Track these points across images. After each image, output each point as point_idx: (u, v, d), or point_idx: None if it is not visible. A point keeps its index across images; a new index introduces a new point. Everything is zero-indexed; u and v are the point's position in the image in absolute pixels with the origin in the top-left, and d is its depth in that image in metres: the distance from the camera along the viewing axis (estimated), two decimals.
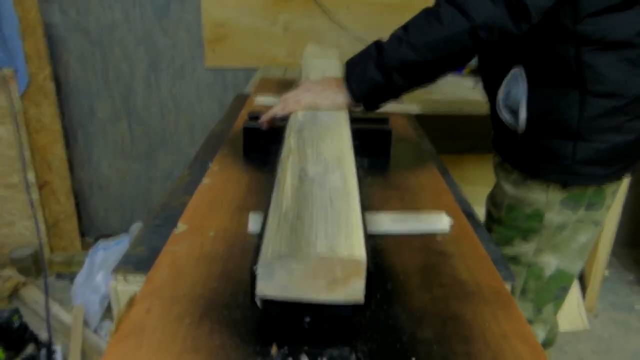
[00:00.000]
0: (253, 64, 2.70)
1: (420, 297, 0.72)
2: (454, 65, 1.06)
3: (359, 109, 1.16)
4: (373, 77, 1.05)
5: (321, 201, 0.68)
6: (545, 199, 1.23)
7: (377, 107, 1.14)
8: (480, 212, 1.15)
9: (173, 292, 0.72)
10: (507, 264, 0.88)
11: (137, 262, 0.83)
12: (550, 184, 1.22)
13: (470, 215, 1.03)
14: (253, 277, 0.58)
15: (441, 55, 1.01)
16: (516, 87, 1.18)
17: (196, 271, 0.77)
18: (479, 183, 1.96)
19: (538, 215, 1.26)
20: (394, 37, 1.05)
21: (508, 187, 1.30)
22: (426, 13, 1.03)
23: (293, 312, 0.60)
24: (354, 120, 1.15)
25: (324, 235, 0.60)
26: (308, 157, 0.82)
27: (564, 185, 1.20)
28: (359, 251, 0.58)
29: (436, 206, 1.00)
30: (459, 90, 2.25)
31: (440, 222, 0.93)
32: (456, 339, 0.64)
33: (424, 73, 1.06)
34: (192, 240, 0.85)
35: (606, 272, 2.79)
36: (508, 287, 0.78)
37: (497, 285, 0.76)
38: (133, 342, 0.63)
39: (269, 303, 0.59)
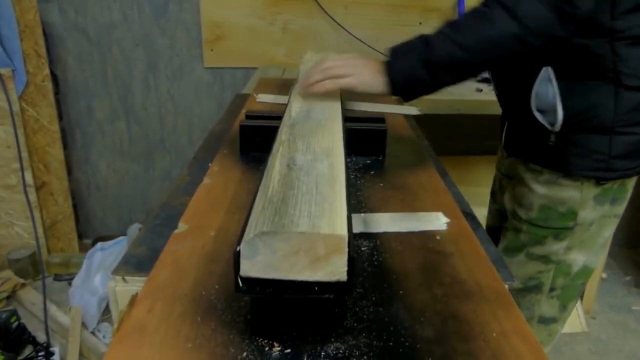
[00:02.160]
0: (252, 64, 2.71)
1: (420, 296, 0.73)
2: (501, 64, 1.12)
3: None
4: (417, 72, 1.05)
5: (307, 186, 0.69)
6: (580, 197, 1.24)
7: (414, 99, 1.15)
8: (480, 213, 1.15)
9: (175, 291, 0.72)
10: (506, 264, 0.88)
11: (138, 263, 0.83)
12: (584, 181, 1.22)
13: (469, 215, 1.03)
14: (237, 257, 0.58)
15: (488, 56, 1.03)
16: (546, 87, 1.18)
17: (198, 270, 0.77)
18: (478, 184, 1.97)
19: (572, 214, 1.26)
20: (442, 33, 1.05)
21: (538, 187, 1.30)
22: (476, 12, 1.04)
23: (276, 293, 0.60)
24: (349, 119, 1.15)
25: (307, 215, 0.61)
26: (298, 148, 0.83)
27: (599, 181, 1.21)
28: (341, 228, 0.59)
29: (436, 206, 1.01)
30: (458, 90, 2.25)
31: (437, 221, 0.93)
32: (457, 337, 0.65)
33: (469, 71, 1.08)
34: (193, 240, 0.85)
35: (604, 275, 2.80)
36: (507, 287, 0.79)
37: (497, 285, 0.76)
38: (135, 341, 0.63)
39: (252, 284, 0.59)
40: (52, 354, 2.17)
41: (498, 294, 0.74)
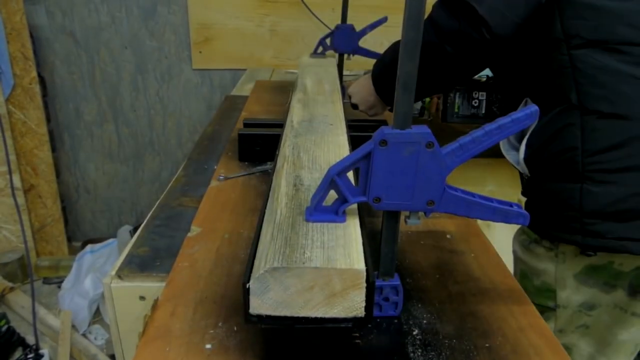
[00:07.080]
0: (240, 65, 2.71)
1: (437, 294, 0.75)
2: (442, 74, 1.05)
3: None
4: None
5: None
6: (554, 270, 0.95)
7: None
8: None
9: (195, 294, 0.73)
10: None
11: (141, 262, 0.85)
12: (559, 249, 0.94)
13: None
14: (246, 293, 0.54)
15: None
16: None
17: (215, 272, 0.78)
18: (478, 184, 1.99)
19: (549, 291, 0.97)
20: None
21: (517, 248, 1.05)
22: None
23: (290, 330, 0.57)
24: (351, 126, 1.16)
25: (320, 245, 0.57)
26: (304, 165, 0.79)
27: (582, 250, 0.90)
28: (358, 260, 0.55)
29: None
30: None
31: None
32: (476, 333, 0.67)
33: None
34: (208, 243, 0.86)
35: None
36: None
37: (510, 282, 0.79)
38: (161, 345, 0.64)
39: (263, 321, 0.56)
40: (42, 356, 2.16)
41: (511, 290, 0.77)
